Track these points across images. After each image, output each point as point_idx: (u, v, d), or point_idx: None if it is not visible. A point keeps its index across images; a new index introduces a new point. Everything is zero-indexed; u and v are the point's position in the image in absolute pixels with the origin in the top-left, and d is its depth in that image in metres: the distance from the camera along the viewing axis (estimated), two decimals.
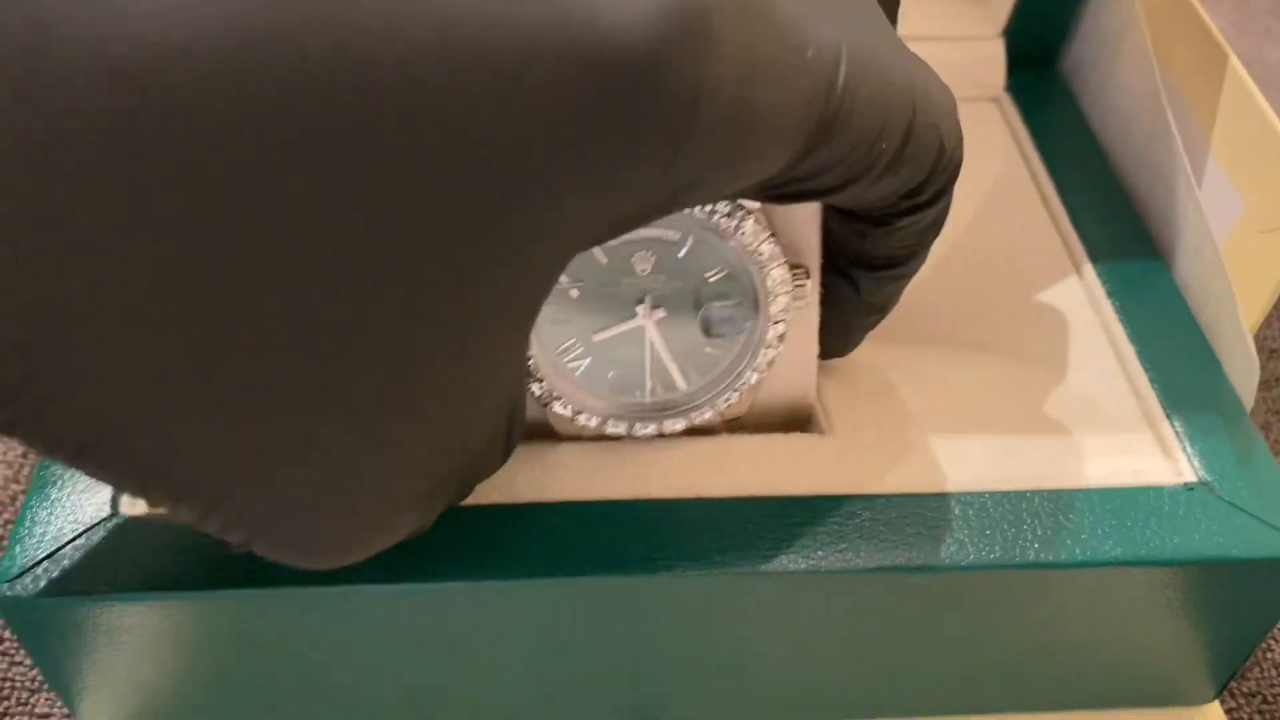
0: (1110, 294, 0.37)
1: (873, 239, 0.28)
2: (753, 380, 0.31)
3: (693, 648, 0.32)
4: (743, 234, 0.28)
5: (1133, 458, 0.32)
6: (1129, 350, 0.35)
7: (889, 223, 0.28)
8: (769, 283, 0.29)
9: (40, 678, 0.36)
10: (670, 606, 0.31)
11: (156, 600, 0.28)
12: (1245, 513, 0.31)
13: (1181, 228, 0.37)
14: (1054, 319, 0.37)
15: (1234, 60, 0.35)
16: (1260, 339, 0.43)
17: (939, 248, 0.40)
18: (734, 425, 0.32)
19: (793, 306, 0.30)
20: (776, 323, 0.30)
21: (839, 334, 0.32)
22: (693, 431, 0.31)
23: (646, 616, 0.31)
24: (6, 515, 0.39)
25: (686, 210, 0.26)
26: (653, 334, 0.30)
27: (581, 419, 0.31)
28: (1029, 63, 0.46)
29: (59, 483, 0.30)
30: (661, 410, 0.31)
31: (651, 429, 0.31)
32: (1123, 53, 0.42)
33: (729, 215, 0.28)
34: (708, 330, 0.30)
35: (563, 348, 0.30)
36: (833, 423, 0.33)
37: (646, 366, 0.30)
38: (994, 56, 0.46)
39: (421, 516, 0.25)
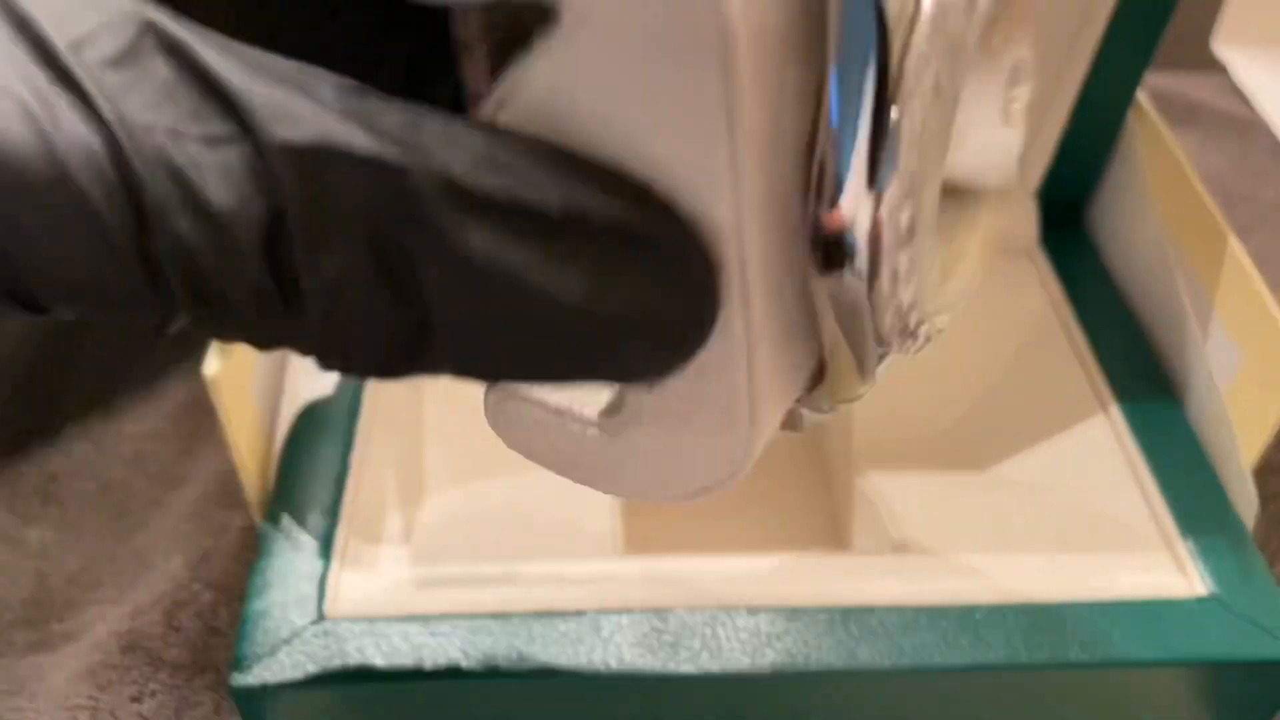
0: (1132, 430, 0.44)
1: None
2: None
3: None
4: None
5: (1154, 574, 0.39)
6: (1149, 479, 0.42)
7: None
8: None
9: None
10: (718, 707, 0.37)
11: (363, 690, 0.35)
12: (1249, 621, 0.37)
13: (1191, 376, 0.44)
14: (1082, 451, 0.44)
15: (1232, 240, 0.42)
16: (1267, 458, 0.48)
17: (978, 386, 0.47)
18: None
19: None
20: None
21: None
22: None
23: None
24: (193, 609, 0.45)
25: None
26: None
27: None
28: (1058, 220, 0.53)
29: (268, 591, 0.37)
30: None
31: None
32: (1137, 218, 0.49)
33: None
34: None
35: None
36: (905, 536, 0.40)
37: None
38: (1027, 215, 0.53)
39: None
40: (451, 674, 0.35)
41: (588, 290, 0.17)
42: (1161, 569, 0.39)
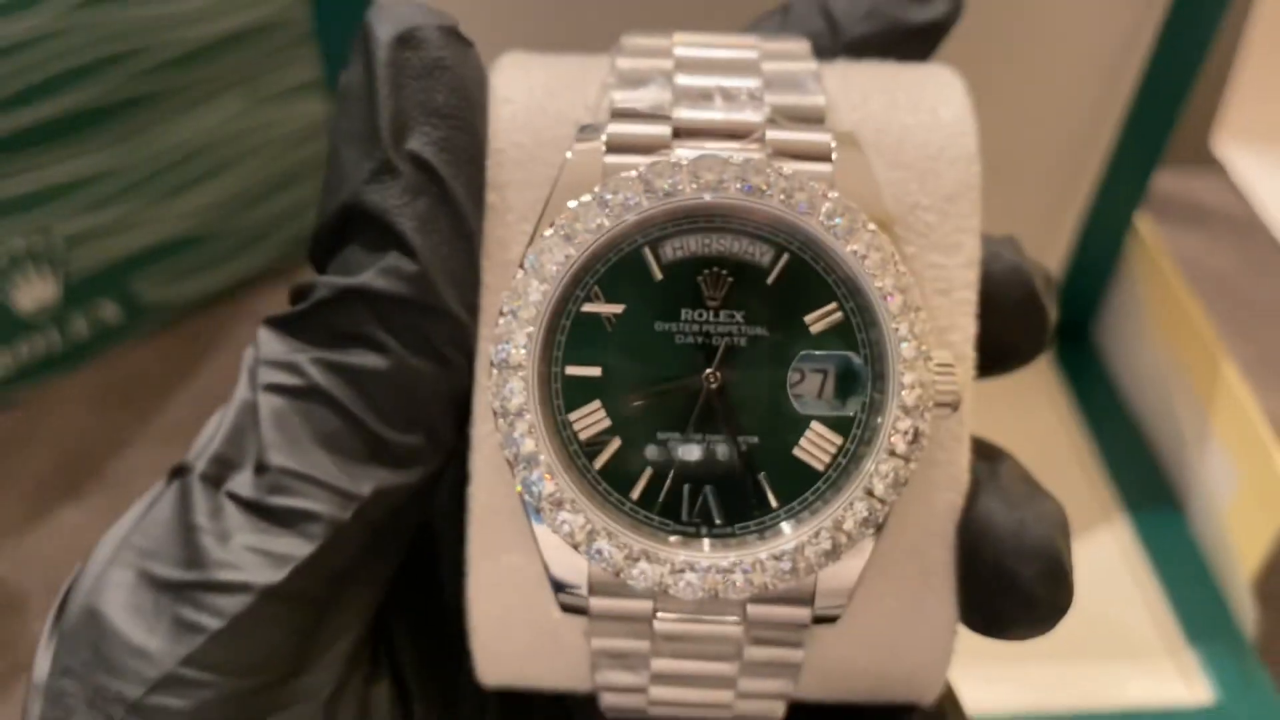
0: (1140, 540, 0.47)
1: None
2: None
3: None
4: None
5: (1160, 682, 0.42)
6: (1154, 588, 0.45)
7: None
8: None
9: None
10: None
11: None
12: None
13: (1192, 490, 0.47)
14: (1089, 559, 0.47)
15: (1227, 365, 0.45)
16: (1266, 569, 0.51)
17: None
18: None
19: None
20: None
21: None
22: None
23: None
24: None
25: None
26: None
27: None
28: (1068, 334, 0.56)
29: None
30: None
31: None
32: (1140, 338, 0.52)
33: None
34: None
35: None
36: None
37: None
38: None
39: None
40: None
41: None
42: (1167, 677, 0.42)
